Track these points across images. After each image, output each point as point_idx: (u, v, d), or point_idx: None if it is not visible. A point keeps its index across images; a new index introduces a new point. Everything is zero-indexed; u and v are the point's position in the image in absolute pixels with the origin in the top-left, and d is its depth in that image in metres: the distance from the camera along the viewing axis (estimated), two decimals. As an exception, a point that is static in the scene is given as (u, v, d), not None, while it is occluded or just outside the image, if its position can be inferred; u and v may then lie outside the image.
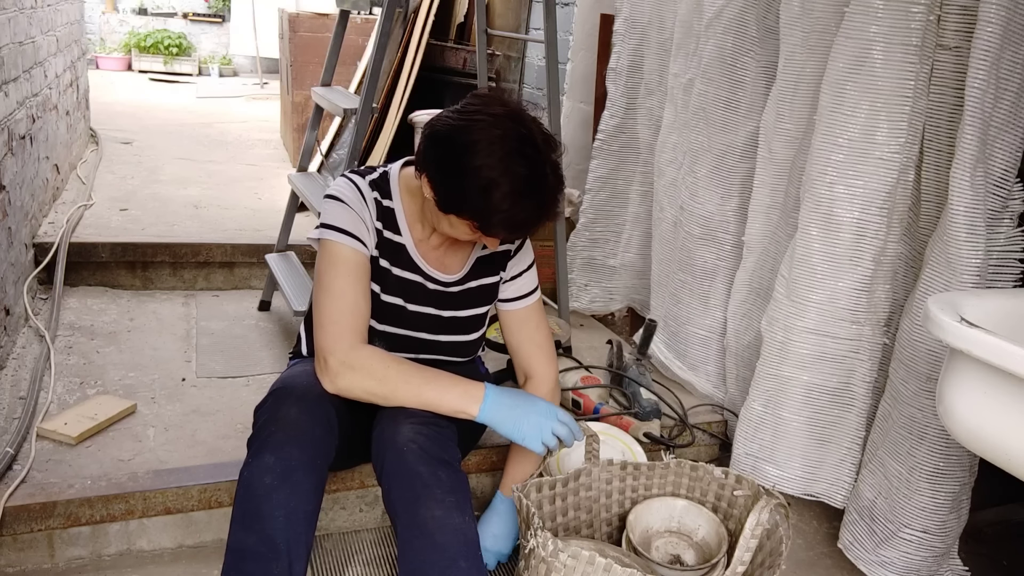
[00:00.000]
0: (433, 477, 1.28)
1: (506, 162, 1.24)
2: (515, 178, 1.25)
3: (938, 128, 1.57)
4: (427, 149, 1.32)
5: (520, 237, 1.42)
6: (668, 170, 2.21)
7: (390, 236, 1.45)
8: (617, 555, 1.46)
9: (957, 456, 1.53)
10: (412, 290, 1.49)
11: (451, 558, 1.24)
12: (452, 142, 1.28)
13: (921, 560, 1.58)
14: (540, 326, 1.61)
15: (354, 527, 1.74)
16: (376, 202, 1.44)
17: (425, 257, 1.49)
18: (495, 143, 1.24)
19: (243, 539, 1.23)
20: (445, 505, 1.26)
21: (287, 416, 1.30)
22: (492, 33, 2.77)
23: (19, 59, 2.41)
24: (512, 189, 1.25)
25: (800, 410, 1.74)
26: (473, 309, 1.56)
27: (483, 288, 1.56)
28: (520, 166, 1.25)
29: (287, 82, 4.38)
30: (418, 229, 1.47)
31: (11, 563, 1.50)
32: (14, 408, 1.81)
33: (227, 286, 2.76)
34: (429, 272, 1.49)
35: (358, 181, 1.44)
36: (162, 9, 8.12)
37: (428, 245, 1.48)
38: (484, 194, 1.25)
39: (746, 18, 1.93)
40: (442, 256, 1.50)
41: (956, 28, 1.50)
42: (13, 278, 2.18)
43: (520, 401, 1.36)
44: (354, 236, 1.39)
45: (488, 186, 1.25)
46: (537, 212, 1.29)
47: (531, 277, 1.60)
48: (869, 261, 1.62)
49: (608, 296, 2.62)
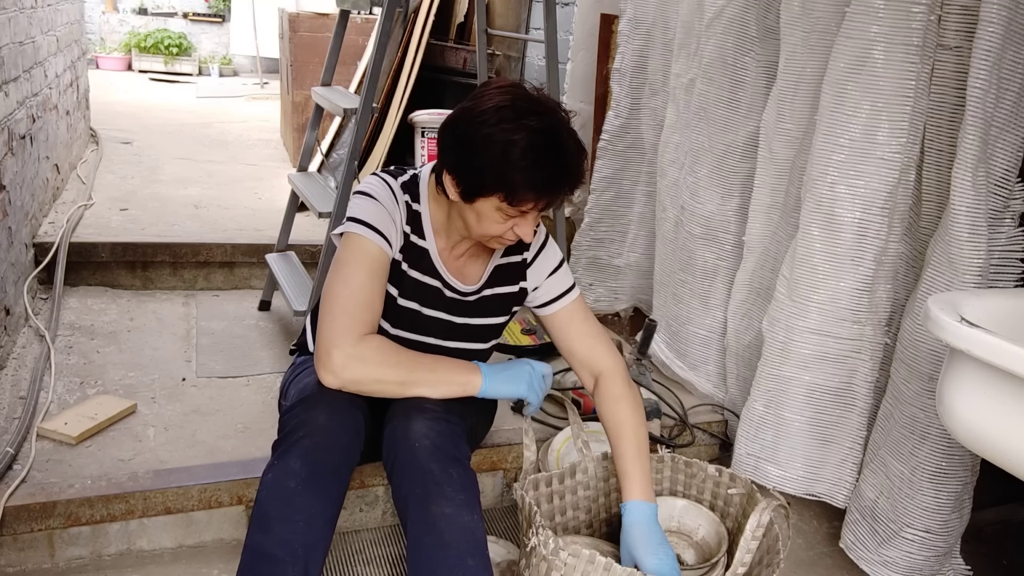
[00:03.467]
0: (444, 475, 1.28)
1: (518, 121, 1.25)
2: (530, 132, 1.25)
3: (939, 128, 1.57)
4: (442, 141, 1.34)
5: (549, 201, 1.32)
6: (670, 170, 2.21)
7: (415, 240, 1.44)
8: (612, 549, 1.46)
9: (960, 456, 1.52)
10: (429, 295, 1.47)
11: (459, 556, 1.23)
12: (463, 121, 1.29)
13: (924, 560, 1.58)
14: (588, 318, 1.57)
15: (354, 527, 1.74)
16: (407, 205, 1.43)
17: (447, 265, 1.48)
18: (504, 108, 1.26)
19: (261, 540, 1.22)
20: (455, 503, 1.26)
21: (315, 421, 1.29)
22: (492, 33, 2.77)
23: (19, 59, 2.41)
24: (529, 144, 1.24)
25: (802, 410, 1.74)
26: (487, 318, 1.54)
27: (499, 297, 1.54)
28: (533, 121, 1.26)
29: (287, 82, 4.38)
30: (442, 237, 1.46)
31: (11, 563, 1.50)
32: (14, 408, 1.81)
33: (227, 286, 2.76)
34: (449, 280, 1.48)
35: (391, 182, 1.43)
36: (162, 9, 8.12)
37: (450, 254, 1.48)
38: (503, 157, 1.25)
39: (746, 18, 1.93)
40: (463, 266, 1.50)
41: (957, 28, 1.49)
42: (13, 278, 2.18)
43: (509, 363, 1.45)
44: (382, 234, 1.38)
45: (505, 147, 1.24)
46: (560, 169, 1.28)
47: (564, 275, 1.57)
48: (870, 261, 1.62)
49: (613, 296, 2.62)
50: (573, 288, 1.58)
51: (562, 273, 1.57)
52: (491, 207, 1.31)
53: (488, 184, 1.28)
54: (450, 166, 1.32)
